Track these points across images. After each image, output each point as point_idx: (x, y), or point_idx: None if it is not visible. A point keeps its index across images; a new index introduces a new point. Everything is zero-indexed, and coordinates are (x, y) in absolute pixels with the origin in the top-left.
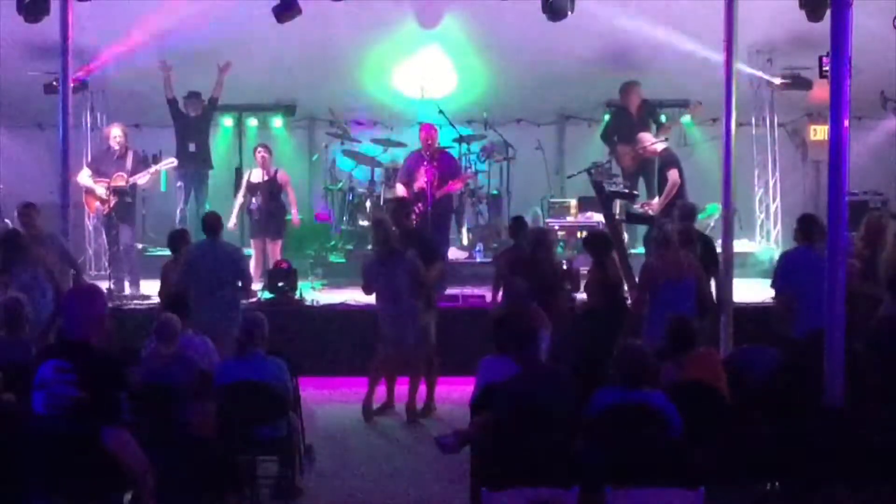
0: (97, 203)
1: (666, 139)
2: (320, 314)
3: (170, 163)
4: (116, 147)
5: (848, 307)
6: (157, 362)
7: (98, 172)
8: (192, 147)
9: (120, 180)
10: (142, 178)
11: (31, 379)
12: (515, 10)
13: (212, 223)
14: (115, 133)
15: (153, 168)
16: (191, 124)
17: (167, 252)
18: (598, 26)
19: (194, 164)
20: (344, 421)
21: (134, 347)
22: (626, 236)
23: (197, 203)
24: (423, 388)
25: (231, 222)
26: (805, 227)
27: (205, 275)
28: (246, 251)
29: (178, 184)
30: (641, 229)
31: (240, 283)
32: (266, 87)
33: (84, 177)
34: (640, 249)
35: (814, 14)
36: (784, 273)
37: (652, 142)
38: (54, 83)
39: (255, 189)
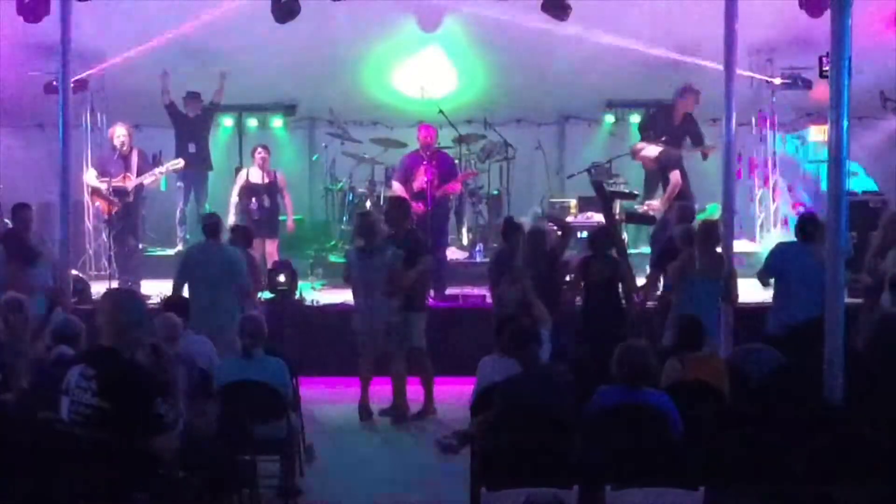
0: (103, 203)
1: (704, 157)
2: (320, 314)
3: (176, 164)
4: (121, 147)
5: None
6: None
7: (103, 173)
8: (191, 148)
9: (125, 180)
10: (147, 179)
11: (56, 383)
12: (515, 10)
13: (213, 225)
14: (120, 133)
15: (160, 169)
16: (190, 125)
17: (167, 252)
18: (598, 26)
19: (194, 165)
20: (344, 421)
21: None
22: (625, 236)
23: (197, 203)
24: (421, 390)
25: (229, 221)
26: (805, 227)
27: (203, 276)
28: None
29: (178, 184)
30: (642, 229)
31: (240, 286)
32: (266, 87)
33: (90, 177)
34: (641, 249)
35: (814, 10)
36: (768, 264)
37: (642, 147)
38: (54, 83)
39: (254, 190)
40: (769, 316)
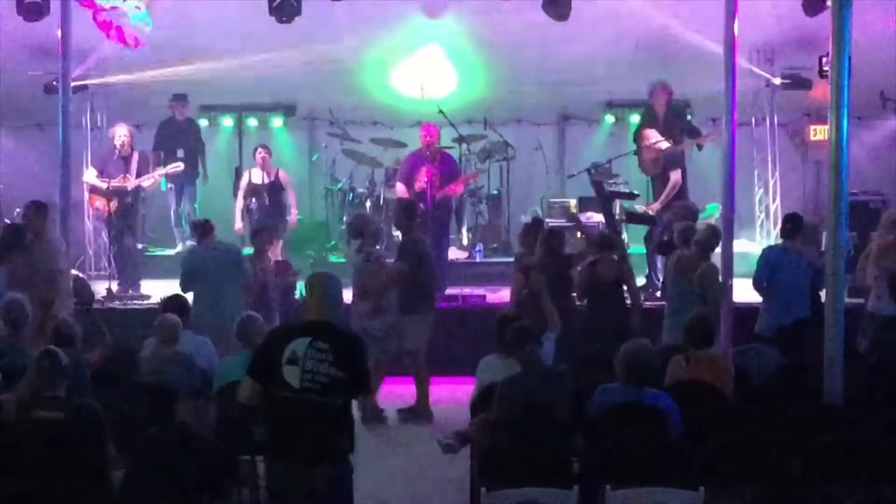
0: (100, 203)
1: (699, 147)
2: None
3: (176, 167)
4: (121, 147)
5: None
6: (157, 362)
7: (103, 172)
8: (180, 153)
9: (125, 181)
10: (146, 182)
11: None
12: (515, 10)
13: (201, 227)
14: (121, 133)
15: (159, 172)
16: (178, 129)
17: (167, 252)
18: (598, 26)
19: (184, 169)
20: None
21: (134, 347)
22: (625, 236)
23: (190, 205)
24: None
25: (237, 225)
26: (785, 225)
27: (208, 277)
28: (246, 251)
29: (170, 186)
30: (642, 229)
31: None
32: (266, 87)
33: (90, 176)
34: (641, 249)
35: (812, 9)
36: (757, 270)
37: (655, 140)
38: (54, 83)
39: (256, 190)
40: (759, 316)
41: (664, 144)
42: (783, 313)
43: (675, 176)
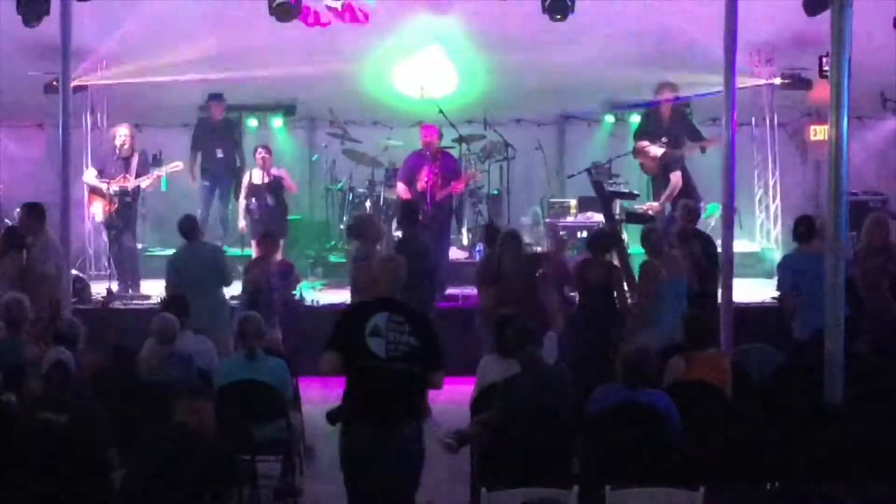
0: (100, 203)
1: (703, 150)
2: (320, 314)
3: (174, 167)
4: (122, 147)
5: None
6: (156, 362)
7: (103, 173)
8: (219, 153)
9: (124, 181)
10: (145, 182)
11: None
12: (516, 10)
13: (187, 227)
14: (122, 133)
15: (158, 171)
16: (215, 130)
17: (167, 252)
18: (598, 26)
19: (222, 169)
20: None
21: (134, 347)
22: (626, 236)
23: (221, 204)
24: None
25: (240, 224)
26: (805, 228)
27: (191, 278)
28: (247, 251)
29: (205, 183)
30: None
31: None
32: (266, 87)
33: (89, 176)
34: (641, 249)
35: (811, 10)
36: (787, 275)
37: (646, 146)
38: (54, 83)
39: (256, 190)
40: (794, 324)
41: (658, 151)
42: (818, 316)
43: (676, 178)
